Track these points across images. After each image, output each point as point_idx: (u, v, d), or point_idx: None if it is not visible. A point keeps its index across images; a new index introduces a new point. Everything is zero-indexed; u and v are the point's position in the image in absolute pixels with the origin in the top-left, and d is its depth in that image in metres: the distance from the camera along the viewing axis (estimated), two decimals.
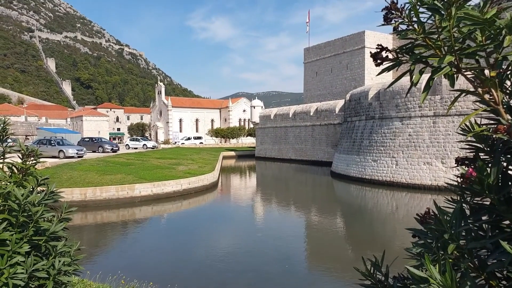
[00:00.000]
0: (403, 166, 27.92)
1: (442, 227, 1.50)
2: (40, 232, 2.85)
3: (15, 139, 13.08)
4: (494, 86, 1.44)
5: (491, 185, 1.43)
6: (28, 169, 3.09)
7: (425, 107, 27.58)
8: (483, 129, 1.59)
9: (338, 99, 57.67)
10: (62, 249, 2.92)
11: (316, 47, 72.62)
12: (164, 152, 46.41)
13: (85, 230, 17.25)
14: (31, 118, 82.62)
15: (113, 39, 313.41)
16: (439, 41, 1.43)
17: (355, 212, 21.51)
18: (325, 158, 47.22)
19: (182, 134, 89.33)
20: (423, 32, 1.46)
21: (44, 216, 2.87)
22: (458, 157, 1.71)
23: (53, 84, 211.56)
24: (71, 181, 21.23)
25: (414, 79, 1.54)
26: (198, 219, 19.85)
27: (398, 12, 1.43)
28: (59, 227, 2.94)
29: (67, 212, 3.18)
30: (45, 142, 32.66)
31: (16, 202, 2.70)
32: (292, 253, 13.63)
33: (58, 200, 3.18)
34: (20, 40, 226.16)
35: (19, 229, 2.73)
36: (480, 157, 1.64)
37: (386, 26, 1.50)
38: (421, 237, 1.60)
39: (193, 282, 10.40)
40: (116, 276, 7.25)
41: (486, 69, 1.47)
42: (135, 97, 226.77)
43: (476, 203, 1.58)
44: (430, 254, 1.51)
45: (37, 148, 3.20)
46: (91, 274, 7.33)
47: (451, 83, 1.43)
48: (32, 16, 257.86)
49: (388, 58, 1.57)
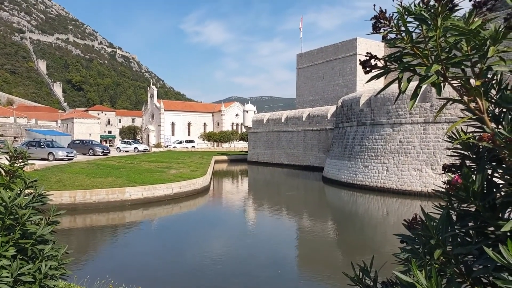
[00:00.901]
0: (394, 172, 28.12)
1: (429, 233, 1.51)
2: (27, 235, 2.81)
3: (3, 141, 13.10)
4: (479, 95, 1.47)
5: (476, 192, 1.45)
6: (16, 171, 3.06)
7: (416, 114, 27.86)
8: (469, 136, 1.62)
9: (330, 105, 58.01)
10: (49, 253, 2.89)
11: (308, 53, 73.06)
12: (155, 155, 46.15)
13: (74, 233, 17.04)
14: (21, 120, 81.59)
15: (105, 41, 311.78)
16: (427, 50, 1.46)
17: (346, 218, 21.58)
18: (317, 163, 47.38)
19: (174, 138, 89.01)
20: (411, 41, 1.48)
21: (31, 219, 2.83)
22: (445, 164, 1.73)
23: (43, 86, 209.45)
24: (60, 184, 20.99)
25: (402, 87, 1.56)
26: (189, 223, 19.74)
27: (386, 21, 1.46)
28: (46, 230, 2.91)
29: (55, 215, 3.15)
30: (34, 144, 32.25)
31: (2, 204, 2.66)
32: (283, 258, 13.62)
33: (46, 203, 3.14)
34: (11, 41, 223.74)
35: (5, 232, 2.69)
36: (466, 164, 1.67)
37: (378, 34, 1.52)
38: (409, 243, 1.62)
39: (183, 286, 10.33)
40: (105, 280, 7.16)
41: (472, 79, 1.50)
42: (127, 100, 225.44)
43: (462, 209, 1.60)
44: (417, 259, 1.53)
45: (26, 150, 3.16)
46: (79, 279, 7.24)
47: (438, 91, 1.46)
48: (24, 17, 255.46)
49: (377, 66, 1.59)
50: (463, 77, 1.55)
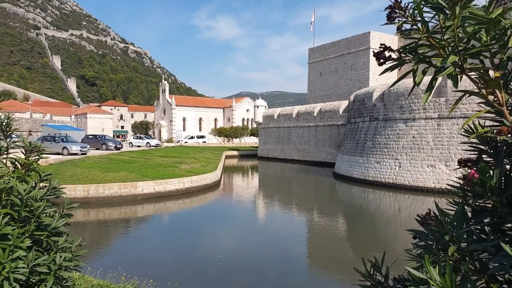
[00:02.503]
0: (406, 168, 27.82)
1: (443, 229, 1.48)
2: (41, 227, 2.86)
3: (20, 135, 13.22)
4: (498, 87, 1.43)
5: (494, 187, 1.41)
6: (31, 165, 3.10)
7: (430, 109, 27.47)
8: (487, 130, 1.58)
9: (342, 100, 57.56)
10: (63, 245, 2.92)
11: (320, 47, 72.49)
12: (167, 150, 46.49)
13: (87, 226, 17.30)
14: (36, 115, 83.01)
15: (118, 37, 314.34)
16: (443, 41, 1.42)
17: (357, 213, 21.46)
18: (328, 159, 47.14)
19: (185, 133, 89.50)
20: (427, 31, 1.44)
21: (46, 212, 2.87)
22: (461, 159, 1.69)
23: (58, 81, 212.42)
24: (74, 178, 21.31)
25: (417, 79, 1.52)
26: (200, 218, 19.87)
27: (401, 11, 1.42)
28: (60, 222, 2.94)
29: (69, 208, 3.19)
30: (49, 139, 32.81)
31: (18, 197, 2.70)
32: (294, 253, 13.62)
33: (60, 196, 3.19)
34: (27, 37, 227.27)
35: (21, 224, 2.73)
36: (483, 159, 1.63)
37: (391, 27, 1.48)
38: (422, 239, 1.59)
39: (194, 281, 10.41)
40: (117, 273, 7.26)
41: (490, 70, 1.45)
42: (139, 95, 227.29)
43: (478, 205, 1.56)
44: (430, 255, 1.50)
45: (40, 144, 3.21)
46: (92, 271, 7.35)
47: (455, 83, 1.42)
48: (39, 13, 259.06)
49: (391, 58, 1.55)
50: (482, 69, 1.51)
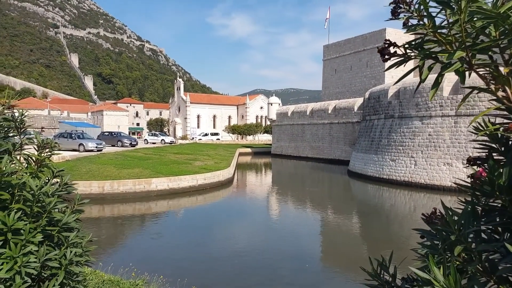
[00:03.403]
0: (422, 166, 27.41)
1: (450, 228, 1.45)
2: (53, 223, 2.90)
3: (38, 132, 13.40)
4: (508, 83, 1.39)
5: (502, 186, 1.38)
6: (43, 161, 3.15)
7: (447, 106, 26.97)
8: (497, 127, 1.54)
9: (357, 97, 56.99)
10: (74, 240, 2.97)
11: (335, 44, 71.88)
12: (181, 147, 46.87)
13: (102, 222, 17.57)
14: (54, 112, 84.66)
15: (134, 35, 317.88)
16: (450, 36, 1.38)
17: (371, 212, 21.27)
18: (343, 157, 46.80)
19: (199, 130, 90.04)
20: (433, 26, 1.41)
21: (57, 207, 2.92)
22: (470, 157, 1.65)
23: (75, 79, 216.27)
24: (90, 174, 21.66)
25: (422, 76, 1.49)
26: (213, 215, 19.97)
27: (406, 6, 1.39)
28: (71, 218, 2.99)
29: (80, 203, 3.24)
30: (66, 136, 33.44)
31: (30, 192, 2.75)
32: (308, 251, 13.58)
33: (71, 192, 3.24)
34: (46, 36, 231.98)
35: (33, 219, 2.79)
36: (493, 157, 1.59)
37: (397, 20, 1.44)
38: (427, 238, 1.56)
39: (205, 277, 10.46)
40: (128, 268, 7.34)
41: (500, 66, 1.41)
42: (154, 93, 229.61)
43: (487, 204, 1.53)
44: (436, 255, 1.47)
45: (53, 140, 3.26)
46: (104, 266, 7.47)
47: (462, 79, 1.38)
48: (58, 12, 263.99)
49: (396, 54, 1.52)
50: (491, 64, 1.47)
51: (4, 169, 2.65)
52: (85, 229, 3.57)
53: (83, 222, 3.28)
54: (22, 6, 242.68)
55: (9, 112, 3.41)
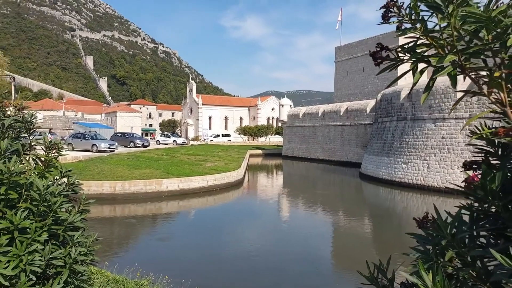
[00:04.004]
0: (435, 169, 27.03)
1: (441, 233, 1.45)
2: (59, 222, 2.97)
3: (53, 132, 13.76)
4: (500, 87, 1.38)
5: (495, 191, 1.37)
6: (50, 161, 3.22)
7: (461, 108, 26.57)
8: (491, 131, 1.53)
9: (369, 99, 56.54)
10: (79, 239, 3.02)
11: (348, 46, 71.48)
12: (192, 148, 47.13)
13: (112, 222, 17.75)
14: (69, 113, 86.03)
15: (148, 37, 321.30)
16: (442, 40, 1.38)
17: (382, 215, 21.05)
18: (354, 159, 46.44)
19: (211, 131, 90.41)
20: (424, 30, 1.41)
21: (63, 207, 2.98)
22: (466, 161, 1.65)
23: (90, 81, 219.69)
24: (102, 175, 21.94)
25: (414, 79, 1.49)
26: (222, 216, 20.01)
27: (397, 10, 1.39)
28: (77, 217, 3.05)
29: (85, 203, 3.30)
30: (80, 136, 33.95)
31: (37, 192, 2.81)
32: (317, 254, 13.51)
33: (78, 192, 3.30)
34: (63, 39, 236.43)
35: (39, 218, 2.85)
36: (489, 161, 1.58)
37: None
38: (419, 242, 1.56)
39: (211, 278, 10.44)
40: (134, 268, 7.41)
41: (493, 70, 1.41)
42: (167, 95, 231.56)
43: (480, 209, 1.52)
44: (427, 260, 1.47)
45: (59, 141, 3.33)
46: (110, 265, 7.55)
47: (453, 83, 1.38)
48: (74, 16, 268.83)
49: (388, 58, 1.53)
50: (484, 68, 1.46)
51: (12, 169, 2.72)
52: (95, 228, 3.61)
53: (89, 222, 3.34)
54: (41, 10, 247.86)
55: (20, 113, 3.50)
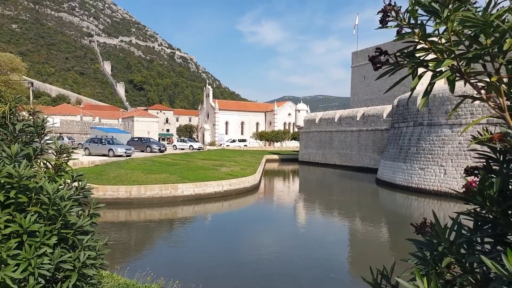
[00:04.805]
0: (452, 175, 26.48)
1: (439, 239, 1.43)
2: (68, 226, 3.01)
3: (71, 137, 14.08)
4: (498, 92, 1.36)
5: (493, 197, 1.35)
6: (60, 165, 3.28)
7: (478, 114, 26.01)
8: (491, 136, 1.51)
9: (386, 104, 55.90)
10: (88, 243, 3.05)
11: (364, 51, 70.96)
12: (209, 153, 47.38)
13: (127, 226, 17.90)
14: (86, 118, 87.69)
15: (165, 43, 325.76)
16: (441, 44, 1.37)
17: (399, 221, 20.70)
18: (371, 165, 45.91)
19: (227, 137, 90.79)
20: (422, 35, 1.40)
21: (72, 211, 3.02)
22: (467, 167, 1.63)
23: (108, 86, 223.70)
24: (118, 179, 22.22)
25: (412, 84, 1.48)
26: (237, 221, 20.01)
27: (395, 15, 1.38)
28: (86, 221, 3.08)
29: (95, 207, 3.35)
30: (97, 141, 34.55)
31: (46, 196, 2.86)
32: (333, 261, 13.36)
33: (88, 196, 3.36)
34: (81, 44, 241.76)
35: (49, 222, 2.90)
36: (491, 166, 1.56)
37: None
38: (417, 248, 1.54)
39: (222, 284, 10.38)
40: (145, 272, 7.44)
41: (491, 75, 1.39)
42: (184, 100, 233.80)
43: (479, 215, 1.50)
44: (424, 266, 1.45)
45: (69, 146, 3.40)
46: (121, 269, 7.61)
47: (451, 88, 1.37)
48: (92, 22, 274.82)
49: (387, 62, 1.52)
50: (482, 73, 1.45)
51: (22, 173, 2.78)
52: (110, 232, 3.62)
53: (104, 226, 3.38)
54: (59, 16, 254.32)
55: (33, 118, 3.60)
